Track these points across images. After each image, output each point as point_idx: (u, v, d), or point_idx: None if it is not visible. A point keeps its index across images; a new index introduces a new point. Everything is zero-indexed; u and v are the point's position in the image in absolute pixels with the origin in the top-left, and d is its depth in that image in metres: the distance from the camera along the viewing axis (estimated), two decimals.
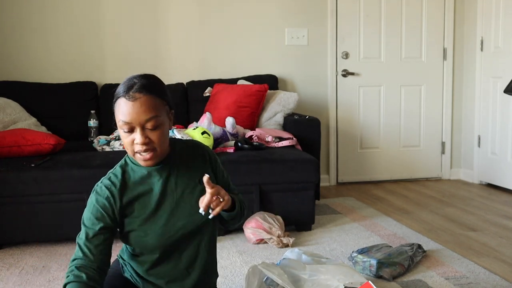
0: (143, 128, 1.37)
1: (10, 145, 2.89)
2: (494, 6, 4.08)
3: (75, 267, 1.39)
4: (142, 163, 1.43)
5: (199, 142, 1.65)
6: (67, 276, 1.39)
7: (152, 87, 1.40)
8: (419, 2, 4.41)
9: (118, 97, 1.39)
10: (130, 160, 1.51)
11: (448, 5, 4.43)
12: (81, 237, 1.43)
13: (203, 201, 1.40)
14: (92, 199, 1.46)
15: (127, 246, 1.54)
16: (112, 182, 1.47)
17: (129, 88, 1.38)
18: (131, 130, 1.38)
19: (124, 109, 1.37)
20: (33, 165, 2.74)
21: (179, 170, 1.52)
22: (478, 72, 4.29)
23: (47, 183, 2.69)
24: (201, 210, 1.40)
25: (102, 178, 1.50)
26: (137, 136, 1.37)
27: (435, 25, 4.44)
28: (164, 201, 1.49)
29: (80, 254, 1.41)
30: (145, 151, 1.39)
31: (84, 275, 1.36)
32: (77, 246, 1.43)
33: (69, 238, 2.82)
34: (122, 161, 1.53)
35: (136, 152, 1.40)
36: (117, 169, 1.51)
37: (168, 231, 1.47)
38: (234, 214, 1.54)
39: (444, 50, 4.48)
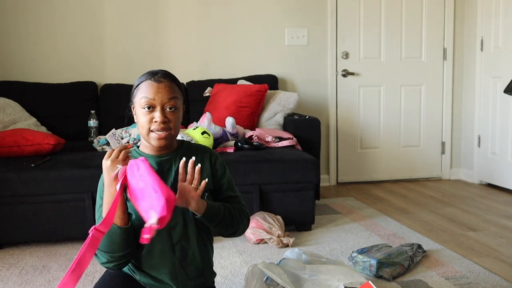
0: (163, 108, 1.48)
1: (10, 145, 2.89)
2: (494, 6, 4.08)
3: None
4: (155, 142, 1.50)
5: (208, 147, 1.71)
6: None
7: (174, 77, 1.55)
8: (419, 2, 4.41)
9: (142, 82, 1.51)
10: (136, 151, 1.59)
11: (448, 5, 4.43)
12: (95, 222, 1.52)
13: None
14: (98, 187, 1.55)
15: None
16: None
17: (153, 73, 1.51)
18: (151, 108, 1.48)
19: (148, 89, 1.49)
20: (33, 165, 2.74)
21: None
22: (478, 72, 4.29)
23: (47, 183, 2.69)
24: None
25: None
26: (157, 114, 1.47)
27: (435, 25, 4.45)
28: None
29: None
30: (162, 129, 1.48)
31: None
32: None
33: (69, 238, 2.82)
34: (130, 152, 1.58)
35: (152, 131, 1.49)
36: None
37: None
38: (206, 219, 1.52)
39: (444, 50, 4.48)
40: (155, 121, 1.47)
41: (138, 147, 1.61)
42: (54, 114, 3.68)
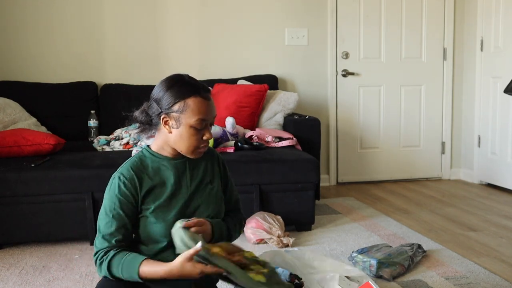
0: (209, 125, 1.52)
1: (10, 145, 2.89)
2: (494, 6, 4.08)
3: (104, 252, 1.45)
4: (196, 156, 1.53)
5: (214, 150, 1.73)
6: (101, 262, 1.45)
7: None
8: (419, 2, 4.41)
9: (190, 96, 1.47)
10: (149, 152, 1.58)
11: (448, 5, 4.43)
12: (102, 228, 1.48)
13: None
14: (113, 189, 1.50)
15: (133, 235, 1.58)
16: (133, 172, 1.52)
17: (198, 88, 1.48)
18: (204, 127, 1.49)
19: (202, 108, 1.47)
20: (33, 165, 2.74)
21: (195, 167, 1.61)
22: (478, 72, 4.29)
23: (47, 183, 2.69)
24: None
25: (120, 168, 1.54)
26: (208, 133, 1.51)
27: (435, 25, 4.45)
28: (179, 192, 1.55)
29: (106, 244, 1.46)
30: (206, 145, 1.54)
31: (114, 251, 1.45)
32: (100, 238, 1.47)
33: (69, 238, 2.82)
34: (140, 152, 1.59)
35: (199, 147, 1.51)
36: (135, 159, 1.56)
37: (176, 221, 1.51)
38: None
39: (444, 50, 4.48)
40: (206, 139, 1.51)
41: (148, 146, 1.59)
42: (54, 114, 3.68)
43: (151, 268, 1.40)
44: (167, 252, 1.53)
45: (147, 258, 1.43)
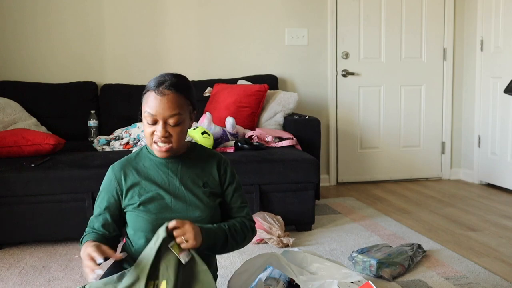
0: (165, 123, 1.50)
1: (10, 145, 2.89)
2: (494, 6, 4.08)
3: (85, 235, 1.57)
4: (157, 153, 1.55)
5: (220, 154, 1.72)
6: (81, 241, 1.55)
7: (181, 86, 1.53)
8: (419, 2, 4.41)
9: (148, 91, 1.52)
10: (147, 149, 1.64)
11: (448, 5, 4.43)
12: (93, 214, 1.61)
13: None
14: (104, 180, 1.62)
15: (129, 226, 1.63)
16: (123, 165, 1.61)
17: (159, 83, 1.50)
18: (154, 122, 1.50)
19: (152, 103, 1.49)
20: (33, 165, 2.74)
21: (188, 168, 1.62)
22: (478, 72, 4.29)
23: (47, 183, 2.69)
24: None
25: (117, 161, 1.64)
26: (159, 128, 1.50)
27: (435, 25, 4.45)
28: (165, 191, 1.58)
29: (89, 229, 1.58)
30: (163, 142, 1.51)
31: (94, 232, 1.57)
32: (89, 221, 1.61)
33: (69, 238, 2.82)
34: (139, 149, 1.67)
35: (154, 142, 1.53)
36: (132, 155, 1.65)
37: (161, 219, 1.52)
38: (202, 249, 1.49)
39: (444, 50, 4.48)
40: (156, 135, 1.51)
41: (146, 145, 1.65)
42: (54, 114, 3.68)
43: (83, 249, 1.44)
44: None
45: (91, 240, 1.48)
